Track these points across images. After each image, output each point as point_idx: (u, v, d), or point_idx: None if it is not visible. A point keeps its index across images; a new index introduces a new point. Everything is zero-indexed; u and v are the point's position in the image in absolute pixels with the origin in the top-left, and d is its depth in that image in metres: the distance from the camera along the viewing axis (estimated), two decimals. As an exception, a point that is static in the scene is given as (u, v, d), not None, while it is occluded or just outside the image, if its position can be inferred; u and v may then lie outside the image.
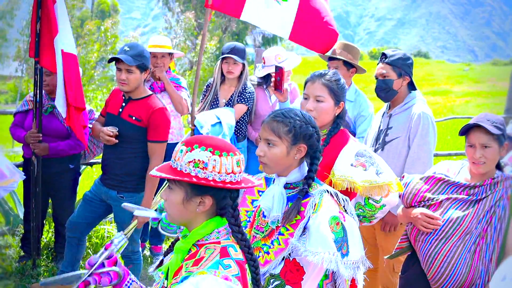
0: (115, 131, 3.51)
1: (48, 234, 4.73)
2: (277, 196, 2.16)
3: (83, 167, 5.29)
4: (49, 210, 4.56)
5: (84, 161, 4.56)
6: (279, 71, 3.32)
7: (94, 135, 3.79)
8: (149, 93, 3.62)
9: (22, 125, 4.20)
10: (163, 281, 1.77)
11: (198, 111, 4.41)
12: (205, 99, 4.60)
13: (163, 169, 1.71)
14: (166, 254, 1.94)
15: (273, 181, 2.26)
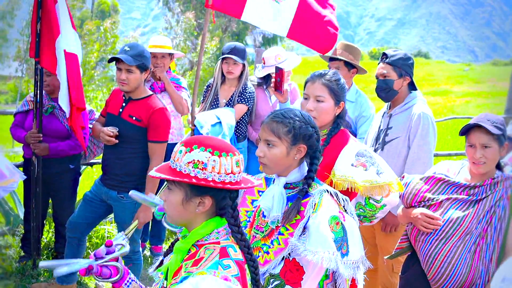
0: (115, 131, 3.51)
1: (48, 234, 4.73)
2: (277, 196, 2.17)
3: (83, 167, 5.29)
4: (49, 210, 4.56)
5: (85, 161, 4.56)
6: (279, 72, 3.32)
7: (94, 135, 3.79)
8: (149, 93, 3.62)
9: (22, 125, 4.21)
10: (163, 282, 1.77)
11: (199, 112, 4.41)
12: (206, 99, 4.60)
13: (162, 170, 1.70)
14: (166, 254, 1.94)
15: (273, 181, 2.26)
